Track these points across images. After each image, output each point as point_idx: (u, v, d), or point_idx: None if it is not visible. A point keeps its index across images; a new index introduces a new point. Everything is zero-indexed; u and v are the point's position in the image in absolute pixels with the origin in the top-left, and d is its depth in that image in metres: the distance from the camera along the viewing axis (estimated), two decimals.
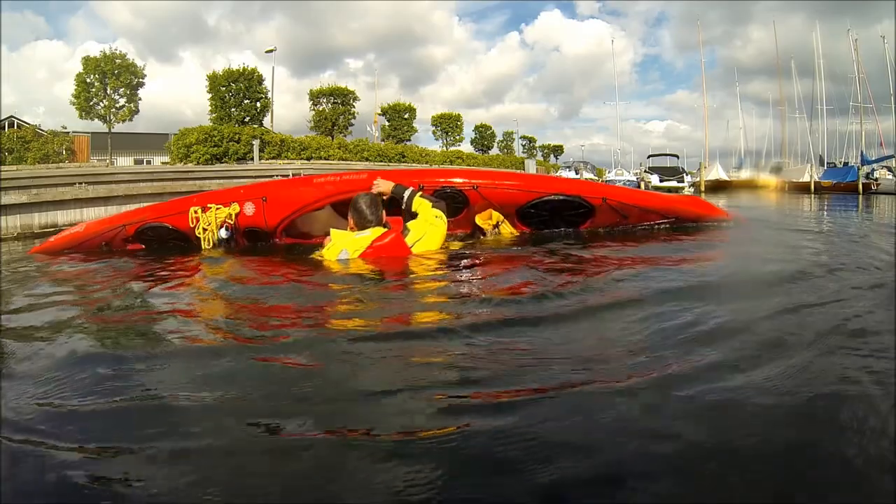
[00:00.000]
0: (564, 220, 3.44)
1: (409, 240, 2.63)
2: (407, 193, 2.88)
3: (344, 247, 2.61)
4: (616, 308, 1.66)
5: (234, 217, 3.20)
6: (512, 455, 0.83)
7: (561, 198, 3.32)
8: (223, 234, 3.16)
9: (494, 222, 3.51)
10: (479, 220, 3.46)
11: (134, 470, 0.85)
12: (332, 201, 3.25)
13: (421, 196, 2.85)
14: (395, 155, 20.37)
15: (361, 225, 2.70)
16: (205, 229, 3.19)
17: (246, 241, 3.33)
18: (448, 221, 2.85)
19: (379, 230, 2.65)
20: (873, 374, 1.08)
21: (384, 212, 2.79)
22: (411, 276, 2.37)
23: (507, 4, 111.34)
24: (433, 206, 2.76)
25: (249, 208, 3.21)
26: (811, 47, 29.18)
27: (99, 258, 3.21)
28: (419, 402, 1.03)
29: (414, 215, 2.77)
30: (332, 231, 2.72)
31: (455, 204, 3.28)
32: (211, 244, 3.18)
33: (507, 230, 3.46)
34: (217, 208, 3.20)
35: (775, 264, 2.39)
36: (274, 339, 1.48)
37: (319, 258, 2.66)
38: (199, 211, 3.21)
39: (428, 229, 2.68)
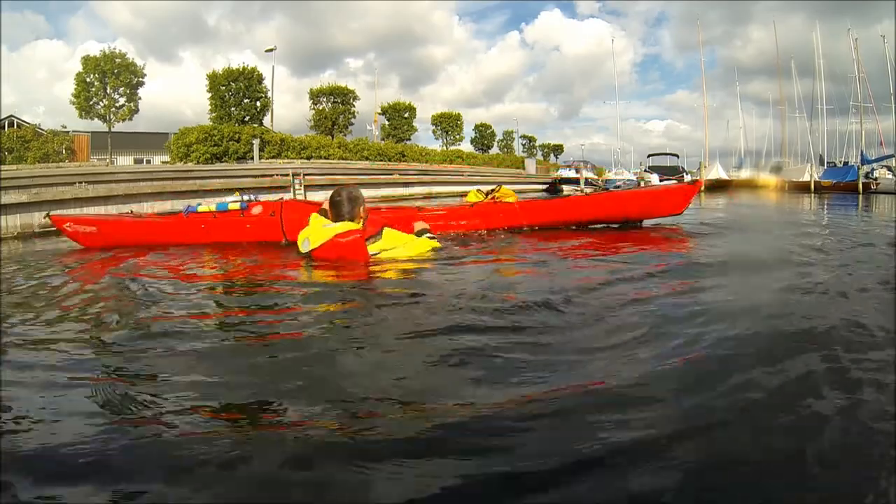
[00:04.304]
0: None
1: (374, 246, 2.58)
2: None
3: (307, 236, 2.62)
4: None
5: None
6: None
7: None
8: (247, 197, 3.88)
9: (486, 192, 4.08)
10: (472, 196, 4.00)
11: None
12: None
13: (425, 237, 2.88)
14: (395, 154, 20.36)
15: (336, 216, 2.72)
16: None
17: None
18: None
19: (347, 225, 2.61)
20: None
21: (363, 209, 2.78)
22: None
23: (507, 4, 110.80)
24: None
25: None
26: (811, 47, 29.16)
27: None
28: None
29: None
30: (312, 216, 2.75)
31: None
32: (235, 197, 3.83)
33: (505, 191, 4.01)
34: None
35: None
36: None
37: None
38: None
39: (405, 242, 2.67)
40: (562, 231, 3.94)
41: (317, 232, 2.60)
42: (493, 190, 4.16)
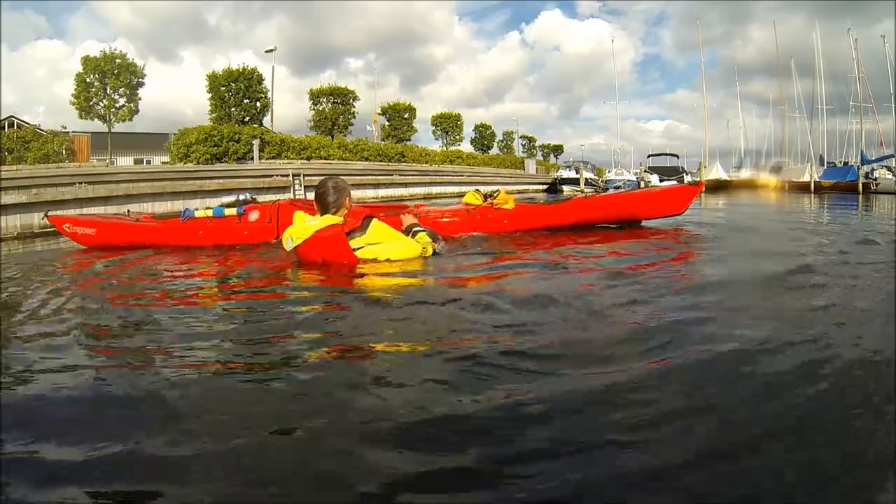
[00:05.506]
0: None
1: (358, 240, 2.52)
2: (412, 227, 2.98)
3: (290, 234, 2.60)
4: None
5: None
6: None
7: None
8: (243, 196, 3.92)
9: (485, 194, 4.06)
10: (470, 197, 4.01)
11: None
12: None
13: (415, 233, 2.83)
14: (395, 154, 20.33)
15: (322, 208, 2.68)
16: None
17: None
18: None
19: (327, 220, 2.57)
20: None
21: (348, 200, 2.73)
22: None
23: (508, 4, 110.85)
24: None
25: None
26: (811, 47, 29.26)
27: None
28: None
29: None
30: (296, 213, 2.73)
31: None
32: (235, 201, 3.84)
33: (504, 197, 3.96)
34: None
35: None
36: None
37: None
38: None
39: (393, 239, 2.59)
40: (562, 233, 3.88)
41: (299, 229, 2.58)
42: (491, 194, 4.05)
